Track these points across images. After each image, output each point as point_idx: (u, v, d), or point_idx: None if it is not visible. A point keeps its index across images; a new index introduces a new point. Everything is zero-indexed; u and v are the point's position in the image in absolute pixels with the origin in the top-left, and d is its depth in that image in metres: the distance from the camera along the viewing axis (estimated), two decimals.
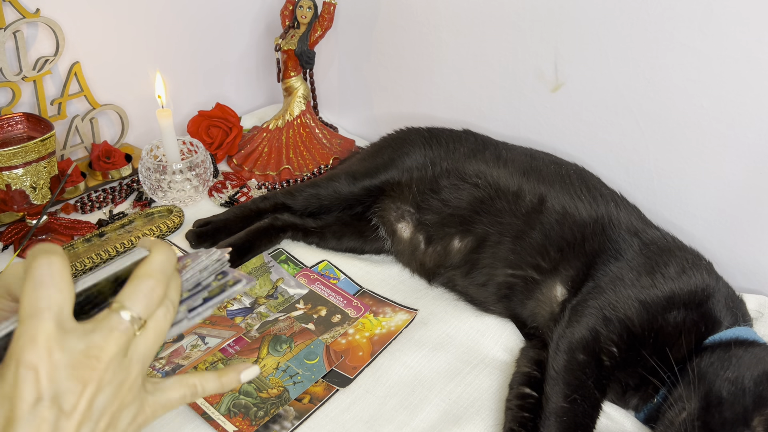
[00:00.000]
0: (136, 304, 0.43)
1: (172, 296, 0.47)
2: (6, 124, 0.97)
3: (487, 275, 0.91)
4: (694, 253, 0.85)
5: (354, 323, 0.89)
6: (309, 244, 1.04)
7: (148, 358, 0.45)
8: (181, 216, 1.05)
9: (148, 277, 0.44)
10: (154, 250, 0.46)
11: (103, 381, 0.41)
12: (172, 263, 0.47)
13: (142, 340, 0.44)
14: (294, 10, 1.23)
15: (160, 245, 0.47)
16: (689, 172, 0.98)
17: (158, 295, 0.45)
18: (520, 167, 0.96)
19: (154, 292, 0.44)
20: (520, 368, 0.83)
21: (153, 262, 0.45)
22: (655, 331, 0.76)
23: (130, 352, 0.43)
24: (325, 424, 0.75)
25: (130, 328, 0.43)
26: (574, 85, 1.05)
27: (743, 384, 0.68)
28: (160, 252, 0.46)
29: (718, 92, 0.90)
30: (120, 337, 0.42)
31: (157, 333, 0.45)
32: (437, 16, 1.17)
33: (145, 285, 0.44)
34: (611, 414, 0.79)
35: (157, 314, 0.45)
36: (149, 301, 0.44)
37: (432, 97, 1.26)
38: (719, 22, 0.87)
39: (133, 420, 0.45)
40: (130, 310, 0.43)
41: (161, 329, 0.45)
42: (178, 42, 1.26)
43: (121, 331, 0.42)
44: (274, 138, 1.27)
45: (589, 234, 0.87)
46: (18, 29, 1.00)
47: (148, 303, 0.44)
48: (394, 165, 1.03)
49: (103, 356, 0.41)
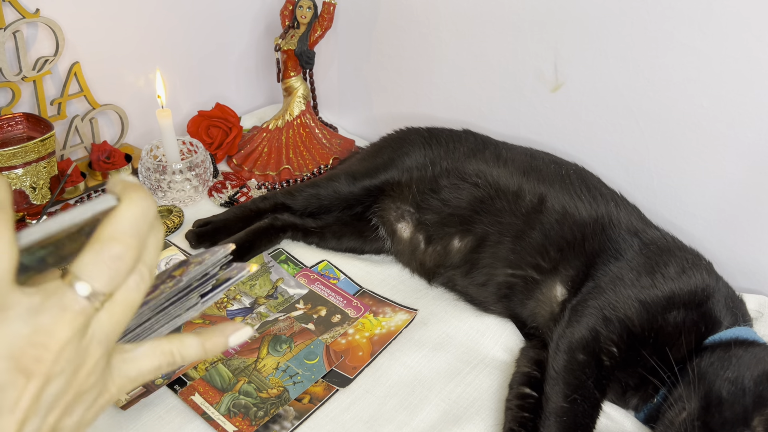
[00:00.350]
0: (98, 275, 0.34)
1: (149, 258, 0.36)
2: (6, 124, 0.97)
3: (487, 275, 0.91)
4: (694, 253, 0.85)
5: (354, 323, 0.89)
6: (309, 244, 1.04)
7: (114, 335, 0.36)
8: (181, 216, 1.05)
9: (115, 240, 0.34)
10: (126, 200, 0.35)
11: (53, 371, 0.33)
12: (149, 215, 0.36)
13: (107, 315, 0.35)
14: (294, 10, 1.23)
15: (135, 191, 0.36)
16: (689, 172, 0.98)
17: (127, 263, 0.35)
18: (520, 167, 0.96)
19: (123, 260, 0.34)
20: (520, 368, 0.82)
21: (122, 219, 0.35)
22: (655, 331, 0.76)
23: (90, 332, 0.35)
24: (325, 424, 0.75)
25: (88, 306, 0.34)
26: (574, 85, 1.05)
27: (743, 384, 0.68)
28: (134, 203, 0.35)
29: (718, 92, 0.90)
30: (75, 318, 0.33)
31: (126, 306, 0.36)
32: (437, 16, 1.17)
33: (109, 251, 0.34)
34: (611, 414, 0.79)
35: (127, 283, 0.35)
36: (116, 272, 0.34)
37: (432, 97, 1.26)
38: (719, 22, 0.87)
39: (93, 403, 0.37)
40: (90, 283, 0.34)
41: (132, 301, 0.36)
42: (178, 42, 1.26)
43: (77, 311, 0.33)
44: (273, 138, 1.27)
45: (589, 234, 0.87)
46: (18, 29, 1.00)
47: (113, 274, 0.34)
48: (394, 165, 1.03)
49: (52, 344, 0.33)
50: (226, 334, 0.42)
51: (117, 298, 0.35)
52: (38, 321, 0.32)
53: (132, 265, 0.35)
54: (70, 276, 0.34)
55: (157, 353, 0.39)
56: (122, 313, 0.36)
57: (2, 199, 0.32)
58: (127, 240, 0.35)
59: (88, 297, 0.34)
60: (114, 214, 0.35)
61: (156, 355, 0.39)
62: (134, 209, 0.35)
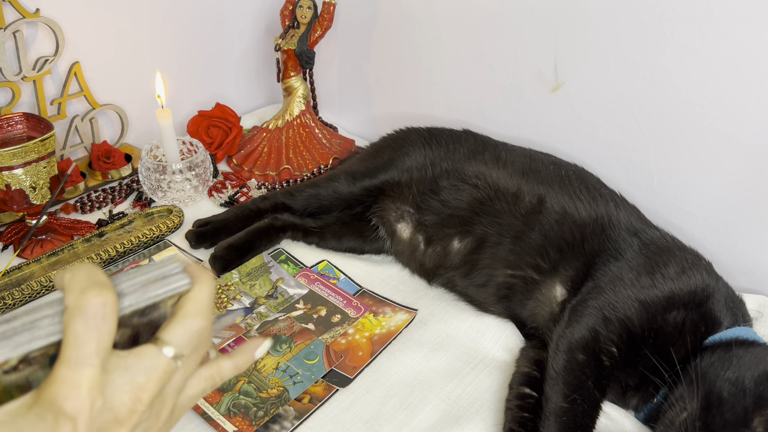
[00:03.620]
0: (183, 343, 0.42)
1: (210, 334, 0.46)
2: (6, 124, 0.97)
3: (487, 276, 0.91)
4: (693, 253, 0.85)
5: (354, 323, 0.89)
6: (309, 244, 1.04)
7: (182, 388, 0.45)
8: (181, 216, 1.05)
9: (200, 316, 0.43)
10: (201, 283, 0.44)
11: (141, 419, 0.41)
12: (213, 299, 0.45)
13: (180, 373, 0.43)
14: (294, 10, 1.23)
15: (206, 277, 0.44)
16: (689, 172, 0.98)
17: (206, 335, 0.44)
18: (520, 168, 0.96)
19: (203, 332, 0.43)
20: (519, 368, 0.82)
21: (202, 299, 0.44)
22: (654, 331, 0.76)
23: (167, 387, 0.43)
24: (325, 424, 0.75)
25: (174, 366, 0.42)
26: (574, 85, 1.05)
27: (743, 384, 0.68)
28: (207, 285, 0.44)
29: (718, 92, 0.90)
30: (163, 376, 0.41)
31: (193, 366, 0.45)
32: (437, 16, 1.17)
33: (195, 325, 0.43)
34: (611, 414, 0.79)
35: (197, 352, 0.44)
36: (197, 342, 0.43)
37: (432, 97, 1.26)
38: (719, 22, 0.87)
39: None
40: (175, 349, 0.42)
41: (197, 362, 0.45)
42: (178, 42, 1.26)
43: (165, 370, 0.41)
44: (273, 138, 1.27)
45: (588, 234, 0.87)
46: (18, 29, 1.00)
47: (195, 343, 0.43)
48: (394, 165, 1.03)
49: (145, 397, 0.40)
50: (251, 351, 0.51)
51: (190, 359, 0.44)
52: (134, 378, 0.40)
53: (209, 338, 0.44)
54: (161, 342, 0.42)
55: (201, 380, 0.47)
56: (191, 369, 0.44)
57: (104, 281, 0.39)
58: (207, 316, 0.44)
59: (175, 359, 0.42)
60: (196, 295, 0.44)
61: (201, 382, 0.47)
62: (209, 291, 0.44)
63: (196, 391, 0.47)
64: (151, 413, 0.42)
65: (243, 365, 0.50)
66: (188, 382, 0.46)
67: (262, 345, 0.52)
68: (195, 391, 0.47)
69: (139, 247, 1.00)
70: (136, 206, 1.11)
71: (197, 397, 0.47)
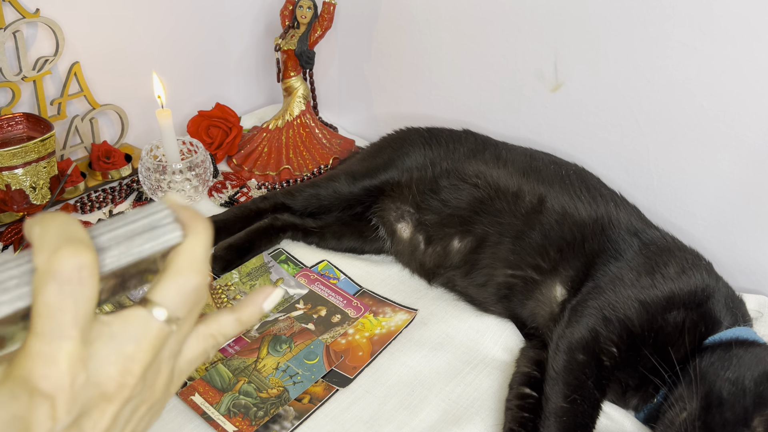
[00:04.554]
0: (180, 304, 0.36)
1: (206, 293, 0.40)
2: (6, 124, 0.97)
3: (487, 275, 0.91)
4: (693, 253, 0.85)
5: (354, 323, 0.89)
6: (309, 244, 1.04)
7: (178, 350, 0.39)
8: None
9: (195, 272, 0.37)
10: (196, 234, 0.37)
11: (133, 393, 0.35)
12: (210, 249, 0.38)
13: (175, 338, 0.37)
14: (294, 10, 1.23)
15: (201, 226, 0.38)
16: (689, 172, 0.98)
17: (203, 291, 0.38)
18: (520, 167, 0.96)
19: (199, 290, 0.37)
20: (519, 368, 0.82)
21: (197, 252, 0.37)
22: (654, 331, 0.76)
23: (161, 354, 0.37)
24: (325, 424, 0.75)
25: (166, 329, 0.36)
26: (574, 85, 1.05)
27: (743, 384, 0.68)
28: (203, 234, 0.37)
29: (718, 92, 0.90)
30: (156, 342, 0.35)
31: (190, 327, 0.39)
32: (437, 16, 1.17)
33: (190, 282, 0.36)
34: (611, 414, 0.79)
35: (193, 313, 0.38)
36: (194, 300, 0.37)
37: (432, 97, 1.26)
38: (719, 22, 0.87)
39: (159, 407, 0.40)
40: (168, 310, 0.36)
41: (194, 322, 0.39)
42: (177, 42, 1.26)
43: (156, 335, 0.35)
44: (273, 138, 1.27)
45: (588, 234, 0.87)
46: (18, 29, 1.00)
47: (191, 303, 0.37)
48: (394, 165, 1.03)
49: (136, 368, 0.35)
50: (258, 302, 0.43)
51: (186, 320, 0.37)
52: (122, 347, 0.34)
53: (204, 293, 0.38)
54: (151, 304, 0.36)
55: (201, 340, 0.40)
56: (188, 330, 0.38)
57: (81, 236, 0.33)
58: (204, 272, 0.37)
59: (165, 321, 0.36)
60: (190, 247, 0.37)
61: (199, 343, 0.40)
62: (204, 242, 0.37)
63: (195, 353, 0.40)
64: (144, 386, 0.36)
65: (249, 320, 0.43)
66: (186, 343, 0.40)
67: (271, 295, 0.44)
68: (194, 354, 0.40)
69: None
70: (136, 206, 1.11)
71: (197, 361, 0.41)
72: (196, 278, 0.37)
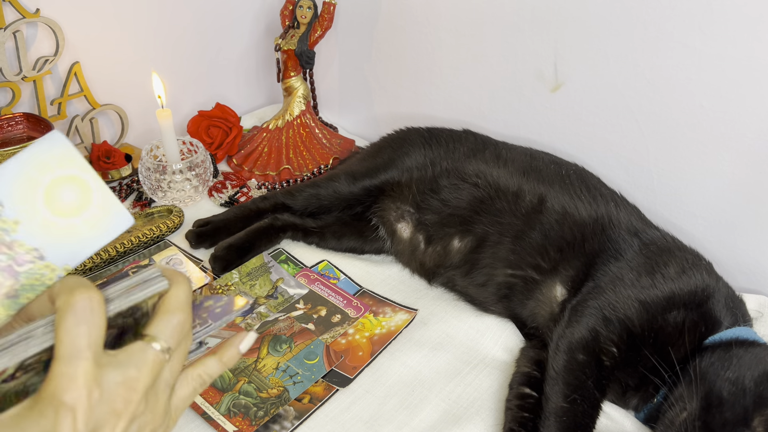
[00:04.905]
0: (169, 336, 0.46)
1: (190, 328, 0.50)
2: (6, 124, 0.97)
3: (487, 275, 0.91)
4: (694, 253, 0.85)
5: (354, 323, 0.89)
6: (309, 244, 1.04)
7: (174, 379, 0.48)
8: (181, 216, 1.05)
9: (180, 311, 0.47)
10: (178, 283, 0.48)
11: (137, 411, 0.43)
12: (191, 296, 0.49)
13: (169, 366, 0.46)
14: (294, 10, 1.23)
15: (182, 277, 0.49)
16: (689, 172, 0.98)
17: (186, 326, 0.47)
18: (520, 167, 0.96)
19: (184, 325, 0.47)
20: (520, 368, 0.82)
21: (180, 296, 0.48)
22: (655, 331, 0.76)
23: (161, 378, 0.46)
24: (325, 424, 0.75)
25: (163, 358, 0.45)
26: (574, 85, 1.05)
27: (743, 384, 0.68)
28: (184, 285, 0.49)
29: (718, 92, 0.90)
30: (154, 368, 0.44)
31: (180, 360, 0.48)
32: (437, 16, 1.17)
33: (176, 318, 0.46)
34: (611, 414, 0.79)
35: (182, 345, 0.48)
36: (179, 334, 0.46)
37: (432, 97, 1.26)
38: (719, 22, 0.87)
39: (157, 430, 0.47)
40: (162, 342, 0.45)
41: (183, 358, 0.48)
42: (178, 42, 1.26)
43: (155, 362, 0.44)
44: (274, 138, 1.27)
45: (588, 234, 0.87)
46: (18, 29, 1.00)
47: (178, 336, 0.46)
48: (394, 165, 1.03)
49: (139, 387, 0.43)
50: (236, 344, 0.53)
51: (175, 355, 0.47)
52: (127, 371, 0.42)
53: (189, 330, 0.48)
54: (148, 337, 0.45)
55: (189, 380, 0.49)
56: (179, 362, 0.47)
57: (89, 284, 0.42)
58: (186, 310, 0.47)
59: (161, 351, 0.45)
60: (174, 292, 0.47)
61: (189, 383, 0.49)
62: (185, 288, 0.48)
63: (187, 391, 0.49)
64: (147, 407, 0.44)
65: (229, 361, 0.52)
66: (178, 382, 0.48)
67: (246, 338, 0.53)
68: (186, 392, 0.49)
69: (139, 247, 1.00)
70: (136, 206, 1.11)
71: (189, 398, 0.49)
72: (181, 315, 0.46)
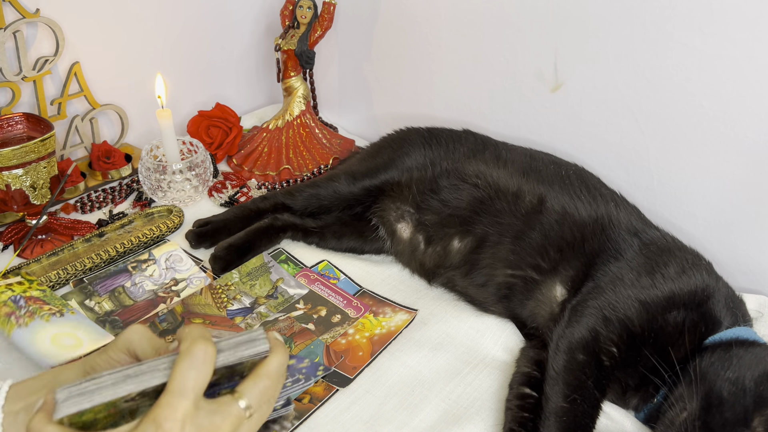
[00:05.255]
0: (254, 398, 0.52)
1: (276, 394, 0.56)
2: (6, 124, 0.97)
3: (487, 275, 0.91)
4: (693, 253, 0.85)
5: (354, 323, 0.89)
6: (309, 244, 1.04)
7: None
8: (181, 216, 1.05)
9: (268, 378, 0.54)
10: (277, 352, 0.55)
11: None
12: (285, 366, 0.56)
13: (247, 423, 0.53)
14: (294, 10, 1.23)
15: (282, 348, 0.56)
16: (689, 172, 0.98)
17: (272, 395, 0.54)
18: (520, 167, 0.96)
19: (270, 391, 0.54)
20: (520, 368, 0.82)
21: (274, 365, 0.54)
22: (655, 331, 0.76)
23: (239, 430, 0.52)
24: (325, 424, 0.75)
25: (243, 414, 0.51)
26: (574, 85, 1.05)
27: (744, 384, 0.68)
28: (281, 355, 0.55)
29: (718, 92, 0.90)
30: (234, 421, 0.51)
31: (259, 420, 0.54)
32: (437, 16, 1.17)
33: (264, 384, 0.53)
34: (611, 414, 0.79)
35: (263, 407, 0.54)
36: (263, 397, 0.53)
37: (432, 97, 1.26)
38: (719, 22, 0.87)
39: None
40: (247, 401, 0.52)
41: (262, 419, 0.55)
42: (178, 42, 1.26)
43: (237, 416, 0.51)
44: (274, 138, 1.27)
45: (588, 234, 0.87)
46: (18, 29, 1.00)
47: (261, 399, 0.53)
48: (394, 165, 1.03)
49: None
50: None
51: (255, 415, 0.53)
52: (213, 419, 0.50)
53: (273, 398, 0.55)
54: (237, 394, 0.52)
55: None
56: (256, 423, 0.54)
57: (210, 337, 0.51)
58: (276, 379, 0.54)
59: (244, 409, 0.52)
60: (270, 360, 0.54)
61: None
62: (281, 359, 0.55)
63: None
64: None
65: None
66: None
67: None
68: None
69: (139, 247, 1.00)
70: (136, 206, 1.11)
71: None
72: (269, 382, 0.54)
